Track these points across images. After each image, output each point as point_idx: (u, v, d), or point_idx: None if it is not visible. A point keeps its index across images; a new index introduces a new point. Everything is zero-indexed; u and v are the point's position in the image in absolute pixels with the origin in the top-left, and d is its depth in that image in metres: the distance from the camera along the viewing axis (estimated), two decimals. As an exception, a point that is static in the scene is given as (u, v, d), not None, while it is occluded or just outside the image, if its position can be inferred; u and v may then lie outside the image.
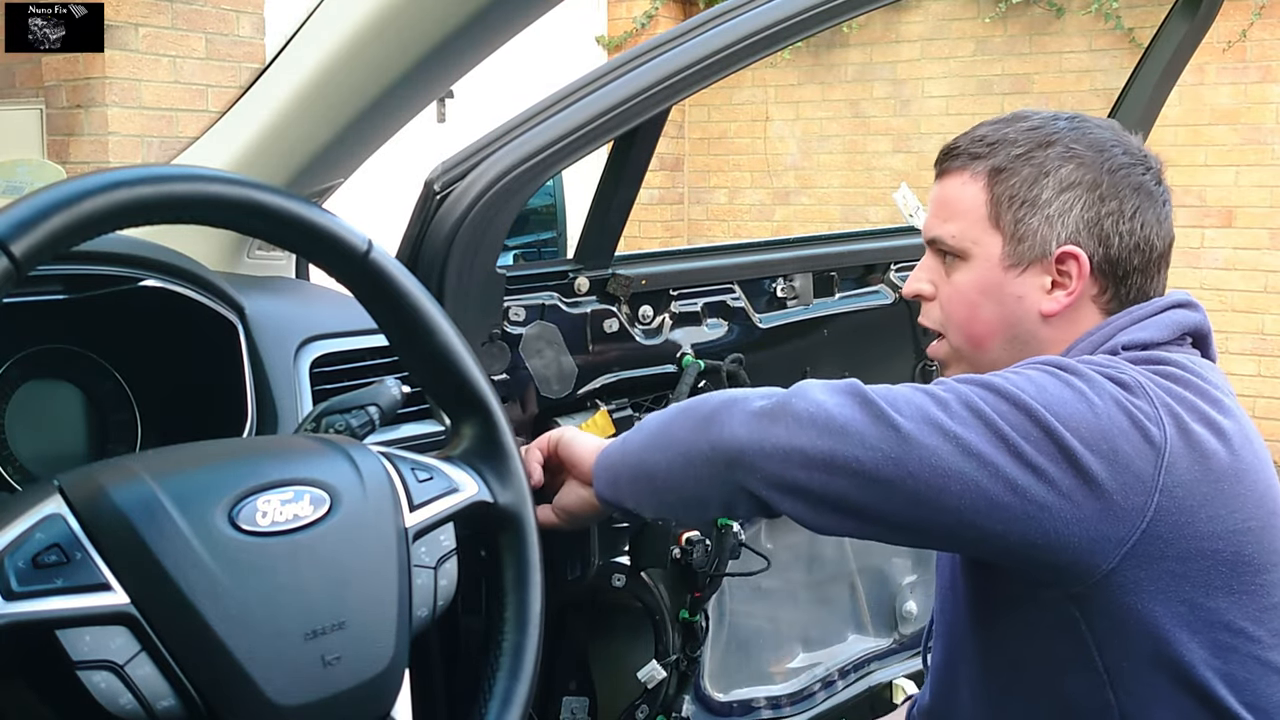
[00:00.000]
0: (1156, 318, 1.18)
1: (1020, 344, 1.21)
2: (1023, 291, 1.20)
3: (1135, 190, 1.18)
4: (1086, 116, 1.23)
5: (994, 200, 1.20)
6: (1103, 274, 1.19)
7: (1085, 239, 1.18)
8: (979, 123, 1.25)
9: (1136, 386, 1.06)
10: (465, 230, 1.38)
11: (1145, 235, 1.18)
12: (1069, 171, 1.18)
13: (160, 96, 4.43)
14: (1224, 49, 5.73)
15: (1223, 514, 1.06)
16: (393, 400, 1.11)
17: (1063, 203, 1.18)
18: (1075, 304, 1.19)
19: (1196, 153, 5.95)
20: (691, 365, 1.65)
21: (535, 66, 4.75)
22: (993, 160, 1.21)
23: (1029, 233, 1.18)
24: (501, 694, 0.99)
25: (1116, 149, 1.19)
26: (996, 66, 6.39)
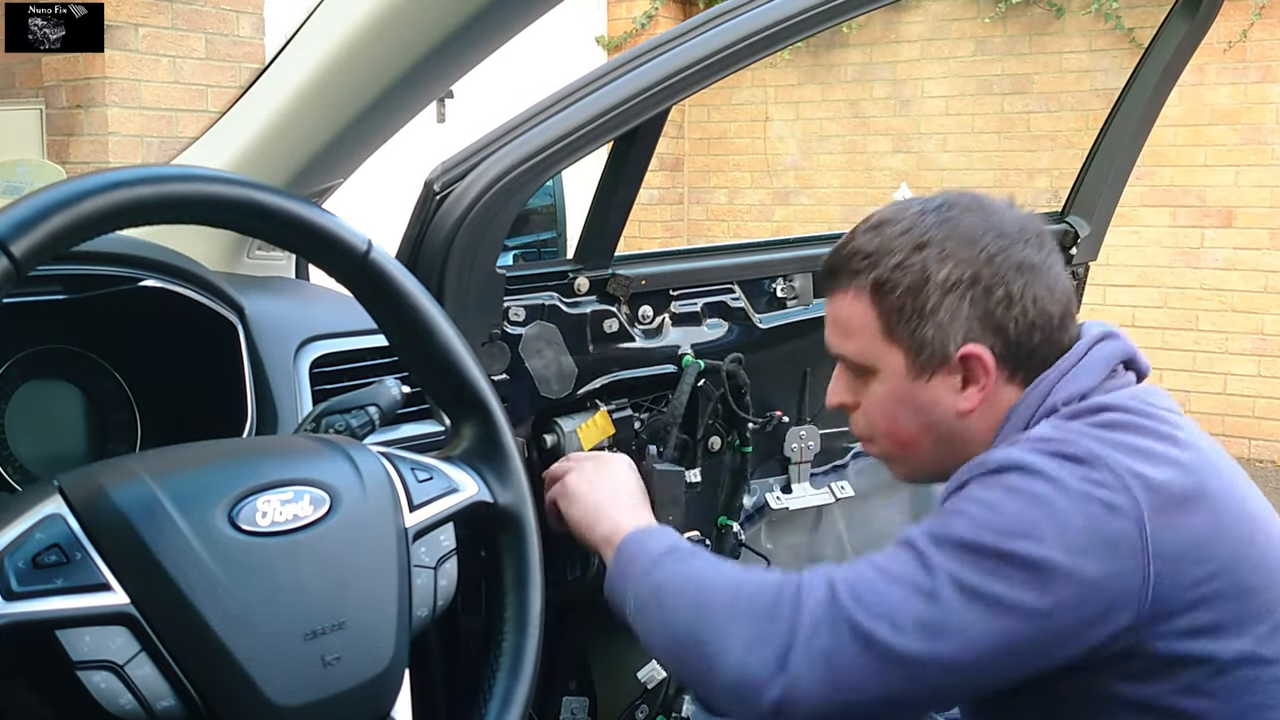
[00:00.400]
0: (1084, 362, 1.18)
1: (948, 441, 1.22)
2: (935, 396, 1.20)
3: (1018, 269, 1.17)
4: (953, 201, 1.21)
5: (883, 316, 1.20)
6: (1009, 360, 1.19)
7: (981, 335, 1.17)
8: (852, 230, 1.25)
9: (1092, 458, 1.06)
10: (465, 230, 1.38)
11: (1040, 309, 1.18)
12: (948, 272, 1.17)
13: (160, 96, 4.43)
14: (1224, 49, 5.73)
15: (1211, 553, 1.07)
16: (393, 400, 1.11)
17: (949, 306, 1.17)
18: (993, 394, 1.20)
19: (1196, 153, 5.95)
20: (691, 365, 1.65)
21: (535, 66, 4.75)
22: (873, 274, 1.20)
23: (925, 342, 1.18)
24: (501, 694, 0.99)
25: (988, 235, 1.18)
26: (996, 66, 6.39)
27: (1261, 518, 1.14)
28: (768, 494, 1.84)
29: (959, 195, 1.23)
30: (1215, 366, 5.95)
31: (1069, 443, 1.08)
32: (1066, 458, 1.07)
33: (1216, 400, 5.98)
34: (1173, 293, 6.07)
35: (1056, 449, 1.08)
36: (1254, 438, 5.91)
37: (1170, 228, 6.05)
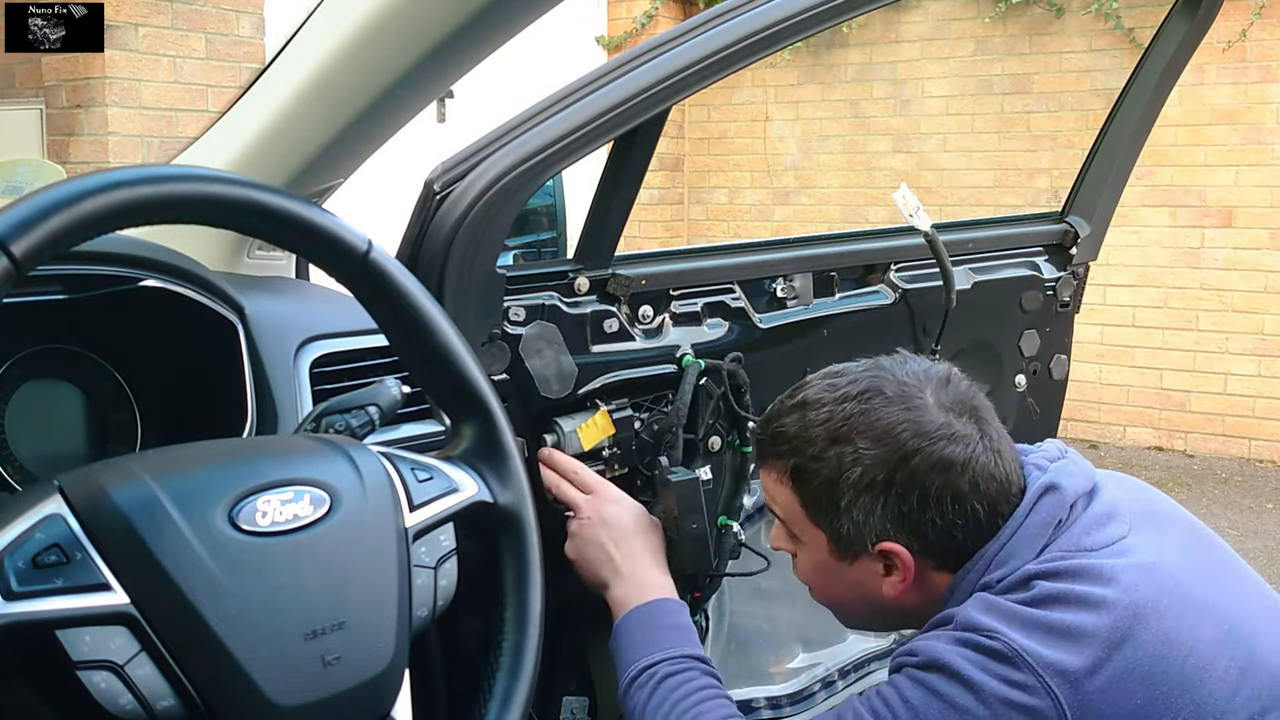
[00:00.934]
0: (1018, 536, 1.16)
1: (884, 612, 1.24)
2: (859, 578, 1.22)
3: (935, 468, 1.15)
4: (881, 384, 1.19)
5: (803, 503, 1.22)
6: (930, 555, 1.18)
7: (896, 534, 1.17)
8: (779, 403, 1.25)
9: (1014, 654, 1.06)
10: (465, 230, 1.38)
11: (960, 509, 1.16)
12: (859, 474, 1.16)
13: (160, 96, 4.44)
14: (1224, 49, 5.73)
15: (1167, 701, 1.06)
16: (393, 400, 1.11)
17: (863, 506, 1.17)
18: (920, 579, 1.20)
19: (1196, 153, 5.95)
20: (691, 365, 1.65)
21: (535, 66, 4.75)
22: (792, 460, 1.21)
23: (843, 533, 1.19)
24: (501, 694, 0.99)
25: (905, 432, 1.15)
26: (996, 66, 6.39)
27: (1222, 619, 1.12)
28: (768, 494, 1.84)
29: (890, 374, 1.20)
30: (1215, 366, 5.96)
31: (994, 634, 1.07)
32: (989, 654, 1.07)
33: (1216, 400, 5.98)
34: (1173, 293, 6.07)
35: (981, 643, 1.08)
36: (1254, 438, 5.91)
37: (1170, 228, 6.06)
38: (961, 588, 1.18)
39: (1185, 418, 6.03)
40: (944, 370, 1.22)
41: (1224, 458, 5.95)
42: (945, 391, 1.19)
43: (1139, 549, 1.15)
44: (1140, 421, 6.17)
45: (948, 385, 1.20)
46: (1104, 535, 1.16)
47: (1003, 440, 1.20)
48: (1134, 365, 6.18)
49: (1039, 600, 1.10)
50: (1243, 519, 5.05)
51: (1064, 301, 2.07)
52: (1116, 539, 1.16)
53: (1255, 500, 5.33)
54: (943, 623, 1.17)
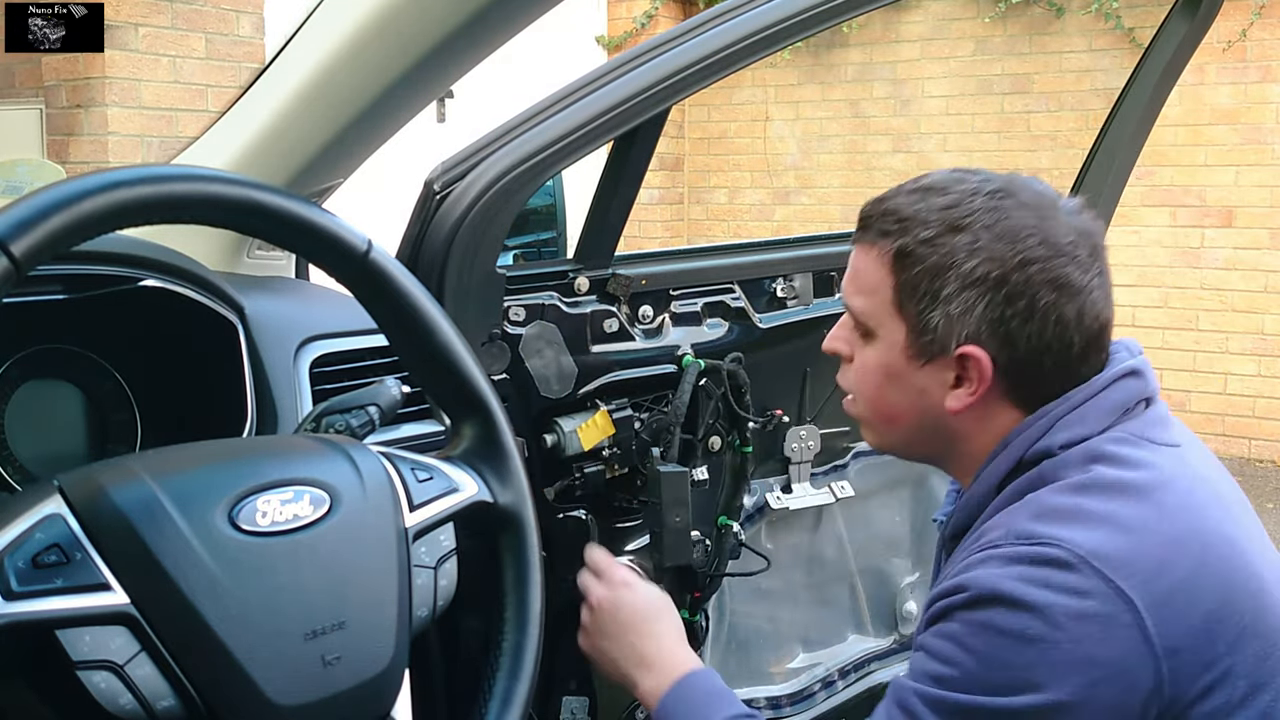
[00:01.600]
0: (1094, 402, 1.11)
1: (931, 431, 1.17)
2: (925, 384, 1.14)
3: (1050, 285, 1.09)
4: (1016, 187, 1.12)
5: (898, 286, 1.13)
6: (1009, 375, 1.11)
7: (988, 340, 1.10)
8: (899, 185, 1.17)
9: (1077, 560, 1.00)
10: (465, 230, 1.38)
11: (1059, 334, 1.09)
12: (974, 266, 1.09)
13: (160, 96, 4.43)
14: (1224, 49, 5.73)
15: (1219, 630, 1.01)
16: (393, 400, 1.11)
17: (965, 300, 1.09)
18: (984, 402, 1.13)
19: (1196, 153, 5.95)
20: (691, 365, 1.65)
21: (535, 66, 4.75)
22: (900, 241, 1.12)
23: (930, 326, 1.11)
24: (501, 694, 0.99)
25: (1033, 238, 1.09)
26: (996, 66, 6.39)
27: (1255, 544, 1.09)
28: (768, 494, 1.84)
29: (1024, 183, 1.13)
30: (1215, 366, 5.96)
31: (1050, 541, 1.01)
32: (1048, 564, 1.00)
33: (1216, 400, 5.98)
34: (1173, 293, 6.08)
35: (1037, 554, 1.01)
36: (1254, 438, 5.92)
37: (1170, 228, 6.06)
38: (1016, 443, 1.12)
39: (1185, 417, 5.99)
40: (1075, 199, 1.16)
41: (1224, 457, 5.94)
42: (1077, 216, 1.13)
43: (1194, 463, 1.12)
44: (1140, 421, 6.16)
45: (1080, 213, 1.13)
46: (1167, 435, 1.12)
47: (1111, 290, 1.14)
48: (1134, 365, 6.17)
49: (1098, 488, 1.04)
50: (1243, 519, 5.06)
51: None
52: (1174, 443, 1.12)
53: (1256, 500, 5.33)
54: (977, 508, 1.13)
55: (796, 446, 1.85)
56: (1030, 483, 1.10)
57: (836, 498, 1.90)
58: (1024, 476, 1.11)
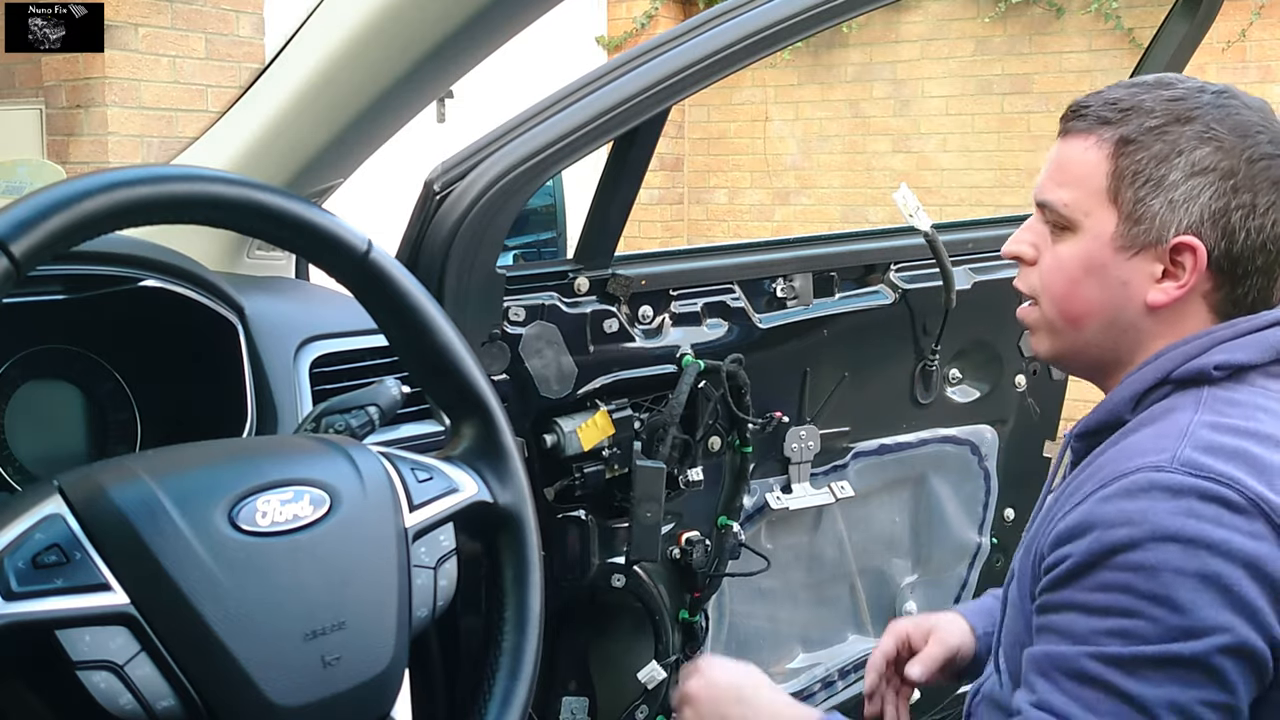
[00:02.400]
0: (1253, 336, 1.09)
1: (1118, 330, 1.13)
2: (1129, 277, 1.11)
3: (1275, 185, 1.08)
4: (1236, 92, 1.14)
5: (1116, 173, 1.10)
6: (1220, 271, 1.09)
7: (1208, 231, 1.08)
8: (1114, 83, 1.15)
9: (1248, 505, 0.96)
10: (465, 230, 1.38)
11: (1276, 235, 1.08)
12: (1204, 155, 1.08)
13: (160, 96, 4.43)
14: (1224, 49, 5.73)
15: None
16: (392, 400, 1.11)
17: (1190, 188, 1.08)
18: (1185, 298, 1.10)
19: (1196, 153, 5.94)
20: (691, 365, 1.65)
21: (535, 66, 4.74)
22: (1123, 128, 1.10)
23: (1148, 214, 1.09)
24: (501, 694, 0.99)
25: (1262, 136, 1.10)
26: (996, 66, 6.39)
27: None
28: (768, 494, 1.84)
29: (1242, 93, 1.14)
30: (1215, 366, 5.95)
31: (1223, 480, 0.97)
32: (1221, 502, 0.96)
33: (1216, 400, 5.97)
34: (1173, 293, 6.07)
35: (1209, 490, 0.97)
36: (1254, 438, 5.91)
37: (1170, 228, 6.05)
38: (1170, 356, 1.09)
39: (1185, 418, 6.02)
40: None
41: (1224, 458, 5.94)
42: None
43: None
44: (1140, 421, 6.16)
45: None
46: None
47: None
48: (1134, 365, 6.17)
49: (1259, 437, 1.01)
50: (1243, 519, 5.04)
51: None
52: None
53: (1255, 500, 5.31)
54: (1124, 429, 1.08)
55: (796, 446, 1.85)
56: (1180, 403, 1.07)
57: (836, 498, 1.90)
58: (1173, 397, 1.08)
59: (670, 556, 1.71)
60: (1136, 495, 0.98)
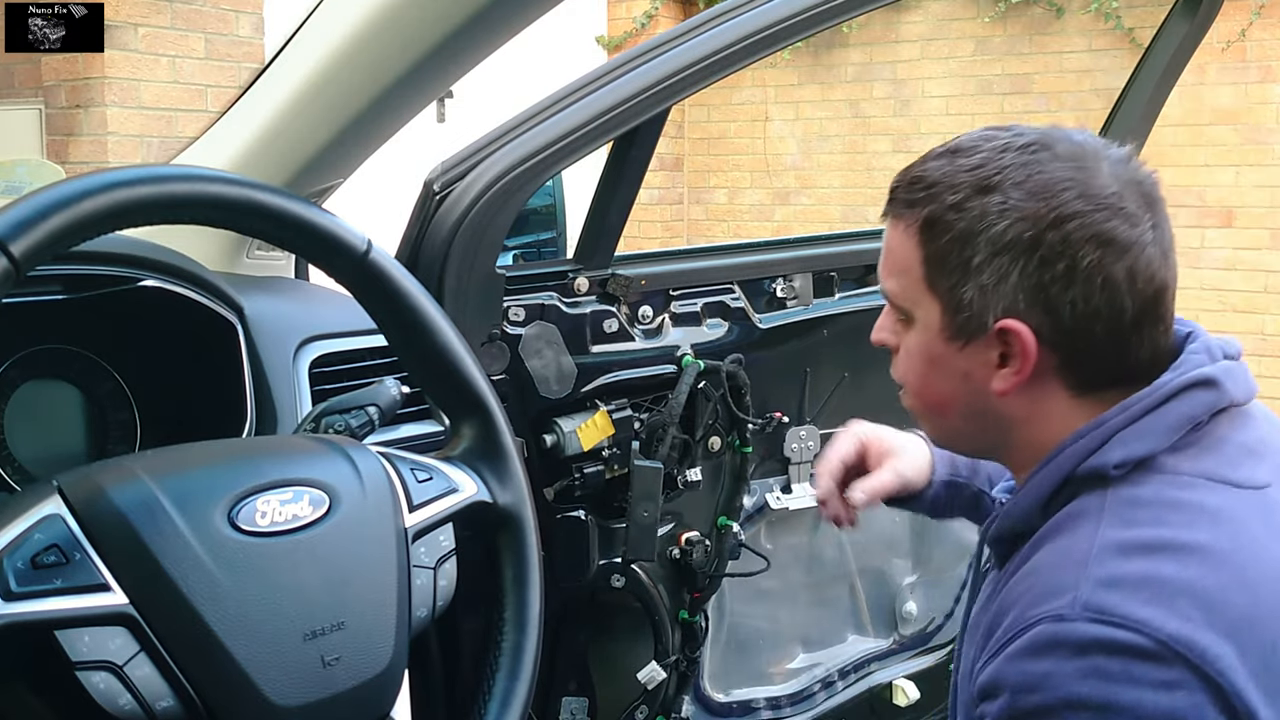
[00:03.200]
0: (1151, 418, 0.98)
1: (983, 419, 1.06)
2: (967, 367, 1.03)
3: (1092, 242, 0.96)
4: (1052, 139, 1.01)
5: (926, 260, 1.02)
6: (1057, 349, 0.99)
7: (1027, 311, 0.98)
8: (927, 152, 1.07)
9: (1161, 649, 0.86)
10: (465, 230, 1.38)
11: (1110, 298, 0.96)
12: (1003, 229, 0.97)
13: (160, 96, 4.43)
14: (1224, 49, 5.73)
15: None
16: (392, 400, 1.11)
17: (997, 268, 0.98)
18: (1034, 382, 1.01)
19: (1196, 153, 5.95)
20: (691, 365, 1.65)
21: (535, 66, 4.74)
22: (926, 210, 1.02)
23: (964, 302, 1.00)
24: (501, 694, 0.99)
25: (1070, 191, 0.97)
26: (996, 66, 6.39)
27: None
28: (768, 494, 1.84)
29: (1062, 135, 1.01)
30: (1215, 366, 5.95)
31: (1129, 624, 0.87)
32: (1130, 652, 0.87)
33: (1216, 400, 5.97)
34: (1173, 293, 6.07)
35: (1116, 640, 0.87)
36: (1254, 438, 5.91)
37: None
38: (1068, 454, 1.00)
39: (1185, 418, 6.02)
40: (1124, 149, 1.02)
41: (1224, 458, 5.94)
42: (1124, 166, 1.00)
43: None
44: (1140, 421, 6.16)
45: (1128, 163, 1.00)
46: (1250, 473, 0.98)
47: (1170, 249, 1.00)
48: (1134, 365, 6.17)
49: (1171, 550, 0.91)
50: (1243, 519, 5.05)
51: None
52: (1261, 484, 0.97)
53: (1255, 500, 5.32)
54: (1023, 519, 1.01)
55: (796, 447, 1.84)
56: (1085, 508, 0.98)
57: (836, 498, 1.89)
58: (1078, 500, 0.99)
59: (670, 557, 1.71)
60: (1041, 654, 0.90)
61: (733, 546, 1.76)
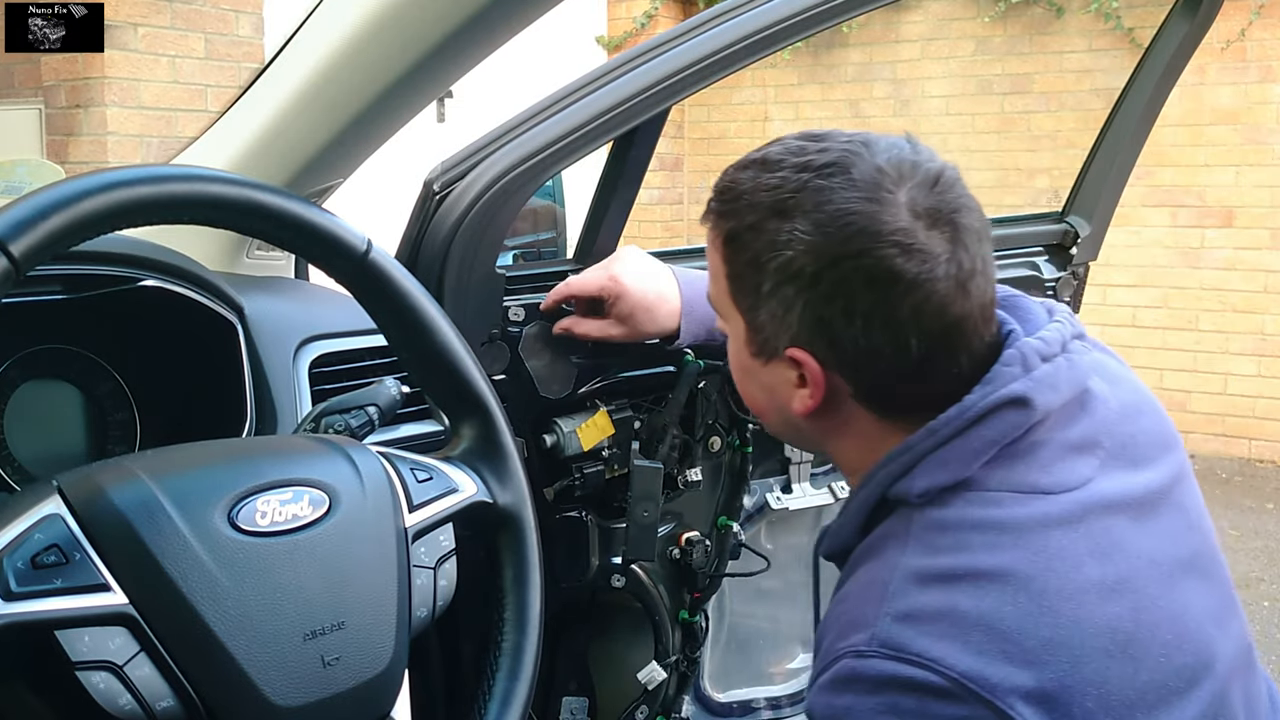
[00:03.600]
0: (965, 439, 0.95)
1: (797, 430, 1.06)
2: (771, 382, 1.03)
3: (875, 280, 0.92)
4: (851, 161, 0.95)
5: (730, 278, 1.02)
6: (847, 378, 0.98)
7: (810, 341, 0.96)
8: (746, 156, 1.03)
9: (954, 687, 0.86)
10: (465, 230, 1.38)
11: (891, 336, 0.94)
12: (789, 260, 0.95)
13: (159, 96, 4.44)
14: (1224, 49, 5.73)
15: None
16: (392, 400, 1.11)
17: (784, 297, 0.96)
18: (833, 406, 1.00)
19: (1196, 153, 5.95)
20: (691, 366, 1.65)
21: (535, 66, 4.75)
22: (729, 226, 1.00)
23: (759, 323, 0.99)
24: (501, 694, 0.99)
25: (853, 226, 0.92)
26: (996, 66, 6.39)
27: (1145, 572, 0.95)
28: (768, 494, 1.84)
29: (868, 156, 0.96)
30: (1216, 367, 5.96)
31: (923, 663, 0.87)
32: (923, 690, 0.87)
33: (1217, 400, 5.98)
34: (1173, 293, 6.08)
35: (910, 679, 0.87)
36: (1254, 438, 5.91)
37: (1170, 228, 6.06)
38: (879, 478, 0.98)
39: (1185, 418, 6.03)
40: (939, 169, 0.98)
41: (1224, 458, 5.95)
42: (928, 193, 0.95)
43: (1098, 503, 0.96)
44: (1140, 421, 6.16)
45: (933, 187, 0.96)
46: (1066, 474, 0.96)
47: (978, 277, 0.95)
48: (1134, 365, 6.11)
49: (970, 578, 0.90)
50: (1243, 519, 5.05)
51: (1064, 301, 2.07)
52: (1077, 484, 0.96)
53: (1256, 501, 5.33)
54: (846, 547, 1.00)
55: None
56: (893, 531, 0.97)
57: (836, 497, 1.89)
58: (888, 522, 0.99)
59: (670, 557, 1.71)
60: (842, 690, 0.91)
61: (733, 546, 1.76)
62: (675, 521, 1.70)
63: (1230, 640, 1.02)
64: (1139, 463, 1.02)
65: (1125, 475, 1.00)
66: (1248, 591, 4.23)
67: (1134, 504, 0.99)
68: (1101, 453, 1.00)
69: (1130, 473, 1.00)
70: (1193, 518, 1.05)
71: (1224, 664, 0.99)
